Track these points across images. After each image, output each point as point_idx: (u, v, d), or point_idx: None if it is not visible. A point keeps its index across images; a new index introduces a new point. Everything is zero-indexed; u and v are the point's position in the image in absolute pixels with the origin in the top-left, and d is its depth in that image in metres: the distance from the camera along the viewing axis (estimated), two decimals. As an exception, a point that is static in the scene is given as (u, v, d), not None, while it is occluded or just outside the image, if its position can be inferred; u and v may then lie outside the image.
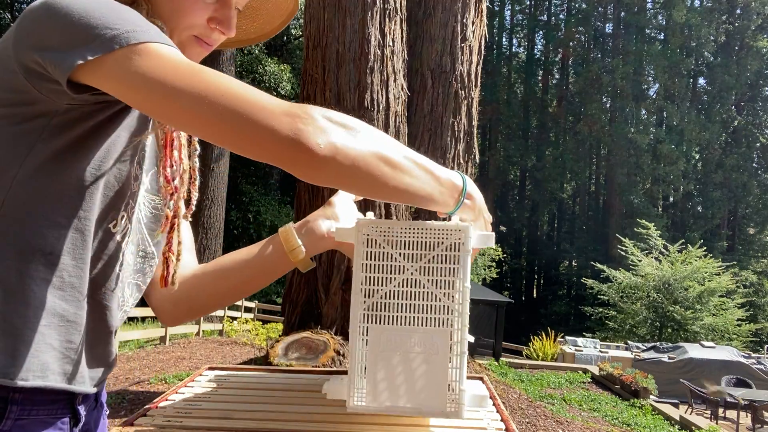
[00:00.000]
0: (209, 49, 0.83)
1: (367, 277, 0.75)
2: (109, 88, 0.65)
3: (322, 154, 0.61)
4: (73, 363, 0.72)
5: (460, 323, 0.74)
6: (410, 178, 0.69)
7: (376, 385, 0.74)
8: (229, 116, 0.61)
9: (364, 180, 0.66)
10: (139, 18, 0.66)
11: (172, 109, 0.63)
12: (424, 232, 0.76)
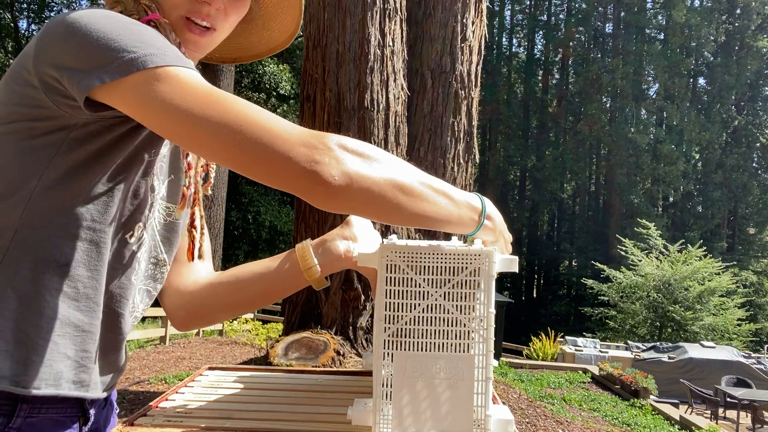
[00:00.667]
0: (207, 32, 0.79)
1: (390, 303, 0.75)
2: (126, 110, 0.65)
3: (337, 184, 0.62)
4: (87, 371, 0.74)
5: (484, 348, 0.74)
6: (427, 204, 0.69)
7: (401, 411, 0.74)
8: (247, 145, 0.62)
9: (380, 208, 0.67)
10: (158, 40, 0.66)
11: (190, 136, 0.64)
12: (447, 257, 0.75)
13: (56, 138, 0.69)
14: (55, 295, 0.70)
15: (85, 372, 0.73)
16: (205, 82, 0.65)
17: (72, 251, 0.71)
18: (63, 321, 0.70)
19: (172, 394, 0.95)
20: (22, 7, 23.97)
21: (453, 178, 5.53)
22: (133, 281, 0.80)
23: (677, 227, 32.14)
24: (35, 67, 0.67)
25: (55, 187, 0.70)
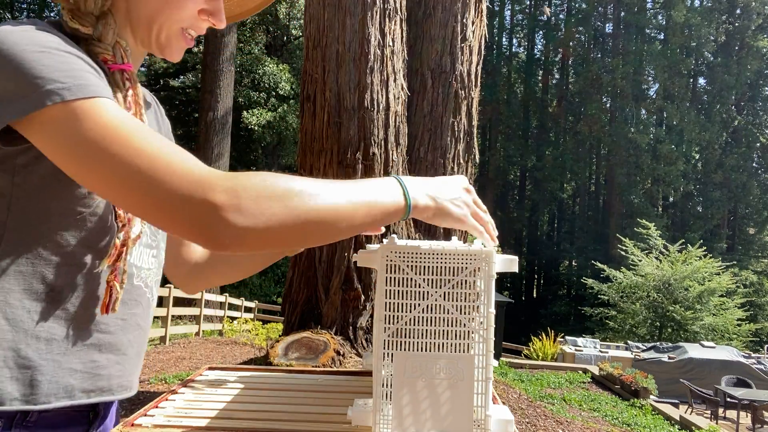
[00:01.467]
0: (193, 42, 0.84)
1: (390, 303, 0.75)
2: (36, 144, 0.64)
3: (228, 241, 0.61)
4: (102, 378, 0.77)
5: (484, 348, 0.74)
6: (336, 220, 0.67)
7: (401, 411, 0.74)
8: (134, 189, 0.61)
9: (284, 243, 0.66)
10: (67, 69, 0.64)
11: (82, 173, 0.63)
12: (447, 257, 0.75)
13: (7, 167, 0.69)
14: (49, 319, 0.72)
15: (100, 379, 0.77)
16: (110, 117, 0.63)
17: (56, 275, 0.72)
18: (61, 340, 0.73)
19: (172, 394, 0.95)
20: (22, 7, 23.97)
21: (453, 178, 5.53)
22: (135, 284, 0.82)
23: (677, 227, 32.13)
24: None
25: (22, 219, 0.70)
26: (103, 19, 0.75)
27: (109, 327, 0.79)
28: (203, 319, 11.59)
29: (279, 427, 0.80)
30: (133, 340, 0.83)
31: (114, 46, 0.76)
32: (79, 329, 0.75)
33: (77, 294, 0.74)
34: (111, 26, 0.75)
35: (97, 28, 0.75)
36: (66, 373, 0.73)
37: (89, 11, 0.75)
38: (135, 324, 0.84)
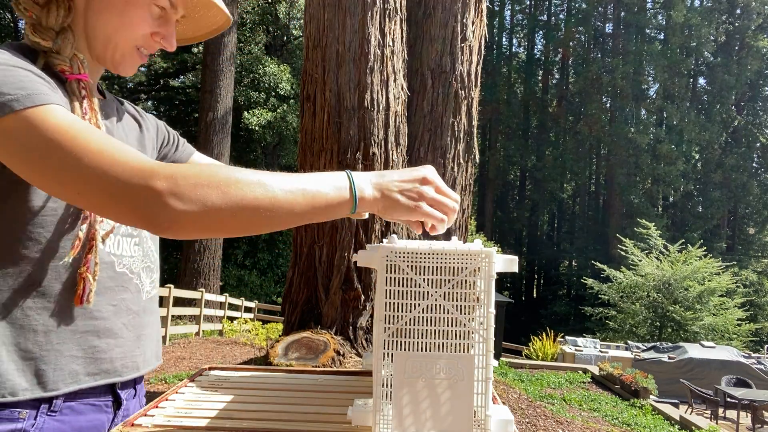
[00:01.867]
0: (146, 59, 0.92)
1: (390, 303, 0.75)
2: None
3: (166, 224, 0.66)
4: (103, 361, 0.84)
5: (484, 348, 0.74)
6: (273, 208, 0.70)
7: (401, 411, 0.73)
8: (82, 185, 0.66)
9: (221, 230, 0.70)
10: (18, 79, 0.70)
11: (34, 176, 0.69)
12: (447, 257, 0.75)
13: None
14: (41, 312, 0.78)
15: (102, 362, 0.84)
16: (64, 123, 0.68)
17: (39, 273, 0.78)
18: (57, 331, 0.79)
19: (172, 394, 0.95)
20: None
21: (453, 178, 5.53)
22: (118, 271, 0.87)
23: (677, 227, 32.13)
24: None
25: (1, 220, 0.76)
26: (62, 34, 0.81)
27: (102, 313, 0.84)
28: (203, 319, 11.59)
29: (279, 427, 0.80)
30: (128, 323, 0.88)
31: (72, 58, 0.82)
32: (72, 319, 0.80)
33: (64, 287, 0.80)
34: (69, 40, 0.82)
35: (56, 42, 0.81)
36: (68, 360, 0.79)
37: (50, 26, 0.81)
38: (126, 308, 0.88)
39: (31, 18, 0.81)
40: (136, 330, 0.90)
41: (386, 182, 0.79)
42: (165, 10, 0.89)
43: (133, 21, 0.85)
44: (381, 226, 4.88)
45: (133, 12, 0.85)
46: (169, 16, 0.90)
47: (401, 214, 0.79)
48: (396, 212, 0.79)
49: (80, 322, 0.81)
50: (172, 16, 0.91)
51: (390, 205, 0.78)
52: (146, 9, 0.86)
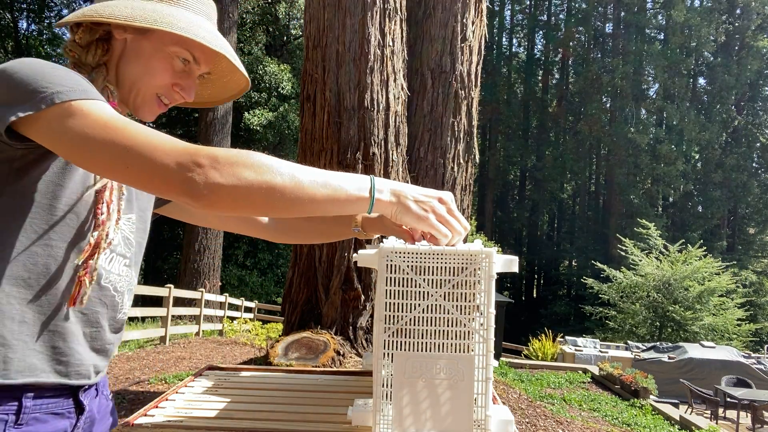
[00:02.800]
0: (165, 108, 1.01)
1: (391, 303, 0.74)
2: (41, 140, 0.78)
3: (205, 193, 0.75)
4: (62, 363, 0.87)
5: (484, 349, 0.74)
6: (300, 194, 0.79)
7: (401, 411, 0.73)
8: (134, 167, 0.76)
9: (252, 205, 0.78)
10: (70, 80, 0.79)
11: (89, 161, 0.77)
12: (448, 257, 0.75)
13: (2, 170, 0.82)
14: (22, 303, 0.83)
15: (58, 363, 0.86)
16: (106, 114, 0.78)
17: (33, 266, 0.84)
18: (30, 324, 0.84)
19: (172, 394, 0.95)
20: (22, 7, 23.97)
21: (453, 178, 5.53)
22: (102, 285, 0.93)
23: (677, 227, 32.13)
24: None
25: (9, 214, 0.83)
26: (97, 69, 0.93)
27: (71, 318, 0.89)
28: (203, 319, 11.59)
29: (279, 427, 0.80)
30: (93, 335, 0.93)
31: (103, 88, 0.92)
32: (45, 316, 0.85)
33: (49, 285, 0.85)
34: (102, 74, 0.93)
35: (91, 75, 0.92)
36: (31, 353, 0.83)
37: (87, 63, 0.93)
38: (95, 320, 0.93)
39: (73, 57, 0.93)
40: (99, 343, 0.94)
41: (404, 190, 0.86)
42: (188, 64, 0.98)
43: (156, 70, 0.96)
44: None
45: (157, 63, 0.96)
46: (191, 69, 0.99)
47: (410, 220, 0.84)
48: (406, 217, 0.84)
49: (51, 322, 0.86)
50: (195, 71, 1.00)
51: (402, 210, 0.84)
52: (169, 61, 0.96)
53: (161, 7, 0.94)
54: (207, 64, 1.00)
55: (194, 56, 0.98)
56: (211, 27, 1.00)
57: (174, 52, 0.96)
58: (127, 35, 0.95)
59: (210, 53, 0.99)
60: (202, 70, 1.01)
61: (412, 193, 0.86)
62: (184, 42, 0.95)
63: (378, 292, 0.75)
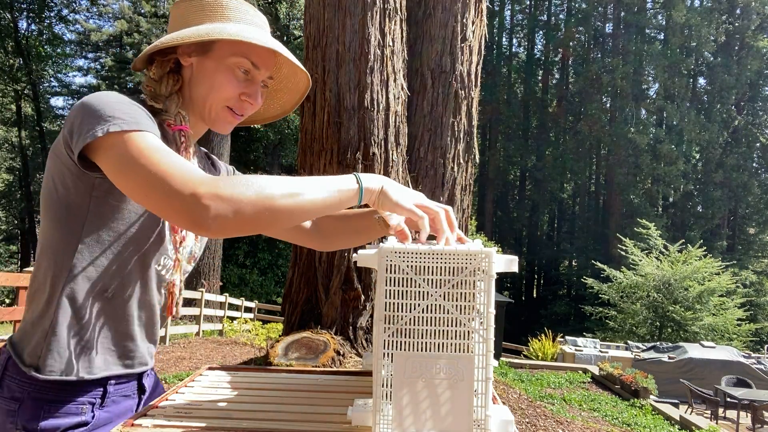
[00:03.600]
0: (239, 118, 1.10)
1: (390, 303, 0.74)
2: (101, 165, 0.89)
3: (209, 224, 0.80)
4: (129, 357, 1.06)
5: (484, 349, 0.74)
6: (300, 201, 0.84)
7: (401, 411, 0.73)
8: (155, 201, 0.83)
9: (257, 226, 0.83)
10: (128, 112, 0.89)
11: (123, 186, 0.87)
12: (447, 257, 0.75)
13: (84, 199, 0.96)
14: (101, 313, 1.00)
15: (128, 358, 1.05)
16: (145, 142, 0.86)
17: (112, 279, 1.00)
18: (106, 329, 1.02)
19: (172, 394, 0.95)
20: (22, 7, 23.95)
21: (453, 178, 5.53)
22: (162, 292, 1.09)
23: (677, 227, 32.12)
24: (62, 135, 0.92)
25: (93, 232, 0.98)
26: (170, 98, 1.04)
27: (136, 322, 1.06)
28: (203, 319, 11.58)
29: (279, 427, 0.80)
30: (149, 330, 1.11)
31: (176, 114, 1.04)
32: (118, 322, 1.03)
33: (124, 296, 1.02)
34: (174, 101, 1.04)
35: (165, 103, 1.03)
36: (108, 352, 1.02)
37: (162, 94, 1.04)
38: (155, 321, 1.11)
39: (150, 91, 1.04)
40: (152, 335, 1.12)
41: (390, 182, 0.92)
42: (249, 72, 1.06)
43: (221, 84, 1.04)
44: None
45: (221, 76, 1.04)
46: (253, 76, 1.06)
47: (390, 206, 0.90)
48: (387, 203, 0.90)
49: (122, 327, 1.04)
50: (257, 77, 1.07)
51: (383, 195, 0.90)
52: (232, 73, 1.04)
53: (213, 25, 1.04)
54: (266, 67, 1.07)
55: (253, 62, 1.05)
56: (261, 32, 1.06)
57: (234, 63, 1.04)
58: (192, 60, 1.05)
59: (266, 55, 1.06)
60: (264, 75, 1.08)
61: (398, 187, 0.92)
62: (240, 50, 1.03)
63: (378, 292, 0.75)
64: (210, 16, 1.05)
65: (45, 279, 0.98)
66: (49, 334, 0.97)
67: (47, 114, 30.26)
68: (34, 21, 24.82)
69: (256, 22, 1.09)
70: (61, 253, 0.98)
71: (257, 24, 1.09)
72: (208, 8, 1.06)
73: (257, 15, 1.10)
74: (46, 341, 0.97)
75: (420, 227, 0.87)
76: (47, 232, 0.99)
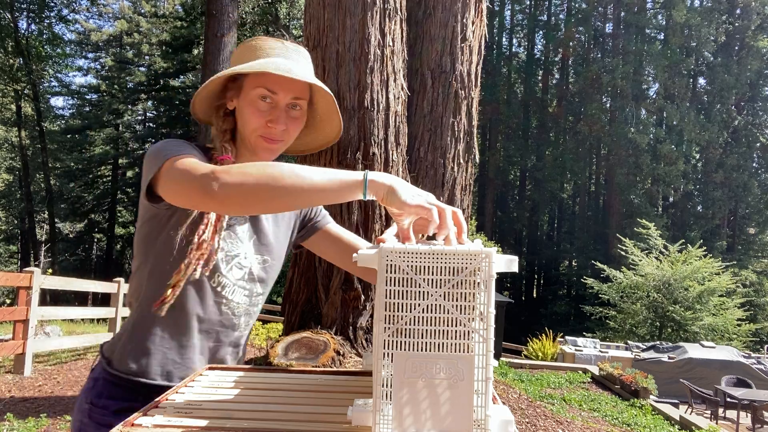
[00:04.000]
0: (275, 143, 1.20)
1: (390, 303, 0.74)
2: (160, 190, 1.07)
3: (217, 193, 0.93)
4: (188, 369, 1.20)
5: (484, 348, 0.74)
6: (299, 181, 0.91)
7: (401, 411, 0.73)
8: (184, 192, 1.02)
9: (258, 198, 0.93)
10: (177, 146, 1.09)
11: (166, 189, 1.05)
12: (447, 257, 0.75)
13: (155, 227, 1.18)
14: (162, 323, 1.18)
15: (187, 370, 1.19)
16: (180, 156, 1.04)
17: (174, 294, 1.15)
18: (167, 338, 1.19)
19: (172, 394, 0.95)
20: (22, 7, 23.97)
21: (453, 178, 5.53)
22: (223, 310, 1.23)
23: (677, 227, 32.12)
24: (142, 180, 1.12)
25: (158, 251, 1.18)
26: (216, 136, 1.22)
27: (195, 335, 1.21)
28: (203, 319, 11.57)
29: (279, 427, 0.80)
30: (213, 349, 1.25)
31: (221, 148, 1.19)
32: (178, 332, 1.19)
33: (183, 308, 1.18)
34: (219, 138, 1.21)
35: (214, 142, 1.22)
36: (168, 362, 1.19)
37: (220, 131, 1.23)
38: (217, 338, 1.24)
39: (213, 128, 1.24)
40: (217, 355, 1.26)
41: (402, 180, 0.93)
42: (270, 98, 1.17)
43: (249, 117, 1.18)
44: (381, 226, 4.88)
45: (248, 110, 1.18)
46: (275, 101, 1.17)
47: (398, 203, 0.89)
48: (395, 201, 0.89)
49: (183, 338, 1.20)
50: (279, 101, 1.17)
51: (391, 192, 0.90)
52: (255, 104, 1.17)
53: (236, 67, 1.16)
54: (285, 91, 1.17)
55: (269, 89, 1.16)
56: (282, 60, 1.18)
57: (255, 94, 1.16)
58: (234, 102, 1.21)
59: (282, 80, 1.15)
60: (286, 98, 1.18)
61: (405, 184, 0.91)
62: (258, 81, 1.15)
63: (378, 292, 0.75)
64: (242, 60, 1.19)
65: (132, 295, 1.23)
66: (123, 337, 1.21)
67: (47, 114, 30.27)
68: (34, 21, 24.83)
69: (282, 53, 1.20)
70: (137, 275, 1.21)
71: (283, 55, 1.20)
72: (244, 53, 1.20)
73: (286, 47, 1.22)
74: (120, 342, 1.21)
75: (429, 218, 0.85)
76: (134, 257, 1.23)
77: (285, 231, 1.36)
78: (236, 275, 1.22)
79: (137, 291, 1.21)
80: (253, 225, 1.28)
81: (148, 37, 34.38)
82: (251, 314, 1.30)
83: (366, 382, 1.09)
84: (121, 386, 1.18)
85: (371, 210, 4.87)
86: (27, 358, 5.87)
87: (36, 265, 25.89)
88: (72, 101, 34.80)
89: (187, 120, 28.39)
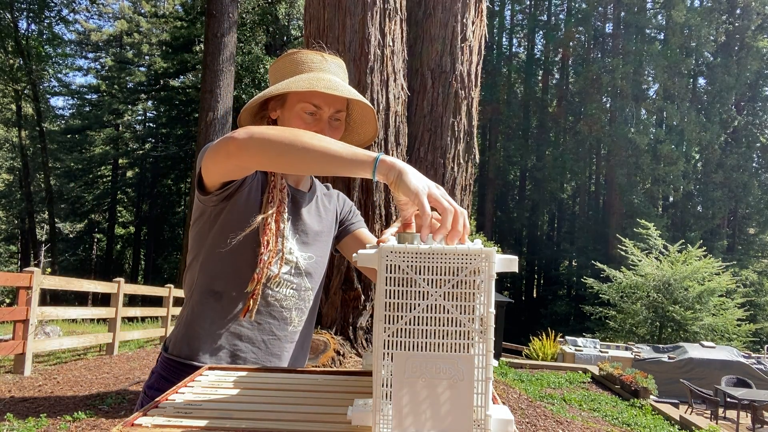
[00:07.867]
0: None
1: (390, 303, 0.74)
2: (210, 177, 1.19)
3: (241, 139, 1.02)
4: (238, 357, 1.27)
5: (484, 348, 0.74)
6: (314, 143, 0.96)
7: (401, 411, 0.73)
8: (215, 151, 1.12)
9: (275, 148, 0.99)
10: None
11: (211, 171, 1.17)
12: (447, 257, 0.75)
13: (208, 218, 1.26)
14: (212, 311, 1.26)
15: (237, 358, 1.26)
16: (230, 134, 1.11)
17: (222, 285, 1.25)
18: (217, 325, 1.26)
19: (172, 394, 0.95)
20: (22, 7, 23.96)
21: (453, 178, 5.53)
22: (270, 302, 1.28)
23: (677, 227, 32.12)
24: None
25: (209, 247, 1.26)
26: None
27: (246, 326, 1.27)
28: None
29: (279, 427, 0.80)
30: (267, 341, 1.29)
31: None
32: (228, 321, 1.25)
33: (231, 300, 1.24)
34: None
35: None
36: (217, 348, 1.25)
37: None
38: (269, 330, 1.29)
39: None
40: (275, 348, 1.30)
41: (414, 169, 0.92)
42: (314, 113, 1.23)
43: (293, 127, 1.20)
44: (381, 226, 4.88)
45: (293, 122, 1.24)
46: (320, 115, 1.24)
47: (405, 190, 0.87)
48: (402, 187, 0.88)
49: (232, 326, 1.25)
50: (323, 115, 1.24)
51: (401, 177, 0.88)
52: (300, 117, 1.24)
53: (280, 84, 1.22)
54: (329, 105, 1.23)
55: (314, 104, 1.23)
56: (326, 76, 1.23)
57: (300, 108, 1.23)
58: (278, 113, 1.28)
59: (326, 95, 1.21)
60: (330, 112, 1.24)
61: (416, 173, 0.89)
62: (304, 96, 1.22)
63: (378, 292, 0.75)
64: (285, 74, 1.26)
65: (187, 287, 1.31)
66: (180, 325, 1.30)
67: (47, 114, 30.26)
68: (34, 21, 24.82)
69: (324, 68, 1.26)
70: (191, 269, 1.30)
71: (325, 69, 1.25)
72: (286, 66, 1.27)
73: (326, 61, 1.27)
74: (177, 330, 1.30)
75: (422, 222, 0.82)
76: (188, 253, 1.31)
77: (327, 230, 1.40)
78: (283, 269, 1.28)
79: (191, 283, 1.29)
80: (294, 223, 1.33)
81: (148, 37, 34.40)
82: (303, 310, 1.33)
83: (366, 382, 1.09)
84: (175, 369, 1.25)
85: (371, 210, 4.87)
86: (27, 358, 5.87)
87: (36, 265, 25.89)
88: (72, 101, 34.82)
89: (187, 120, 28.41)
